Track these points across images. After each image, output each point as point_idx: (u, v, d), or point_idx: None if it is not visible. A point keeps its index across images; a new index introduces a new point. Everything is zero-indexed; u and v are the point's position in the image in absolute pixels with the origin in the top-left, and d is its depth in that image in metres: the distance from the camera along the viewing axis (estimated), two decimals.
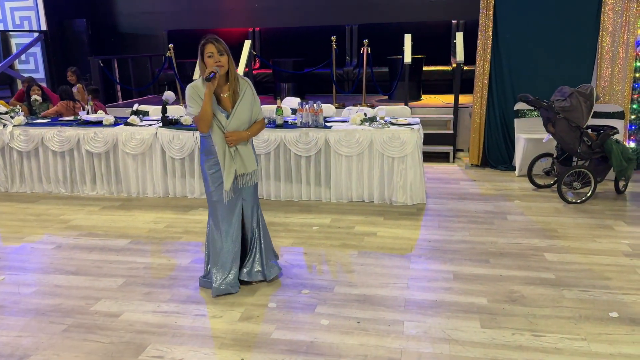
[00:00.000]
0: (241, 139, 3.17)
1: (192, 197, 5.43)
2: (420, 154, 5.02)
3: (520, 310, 3.05)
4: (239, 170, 3.20)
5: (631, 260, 3.70)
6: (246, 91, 3.14)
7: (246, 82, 3.17)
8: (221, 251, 3.29)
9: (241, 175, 3.22)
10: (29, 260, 3.98)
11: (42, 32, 9.84)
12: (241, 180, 3.23)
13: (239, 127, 3.15)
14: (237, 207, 3.29)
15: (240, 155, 3.19)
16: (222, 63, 3.00)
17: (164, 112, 5.43)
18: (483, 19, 6.10)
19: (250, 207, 3.35)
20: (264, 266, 3.42)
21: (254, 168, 3.27)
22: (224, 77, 3.09)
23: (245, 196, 3.31)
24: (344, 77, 9.13)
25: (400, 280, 3.47)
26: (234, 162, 3.19)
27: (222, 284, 3.27)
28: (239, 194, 3.28)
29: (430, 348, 2.71)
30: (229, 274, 3.30)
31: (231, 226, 3.28)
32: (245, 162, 3.21)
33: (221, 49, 3.00)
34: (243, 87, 3.14)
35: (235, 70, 3.11)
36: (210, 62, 2.99)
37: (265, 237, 3.47)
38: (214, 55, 2.99)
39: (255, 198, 3.39)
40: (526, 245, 4.01)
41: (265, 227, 3.48)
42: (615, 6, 5.74)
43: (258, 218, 3.41)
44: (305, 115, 5.17)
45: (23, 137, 5.60)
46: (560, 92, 5.14)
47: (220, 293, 3.28)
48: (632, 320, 2.92)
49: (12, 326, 3.01)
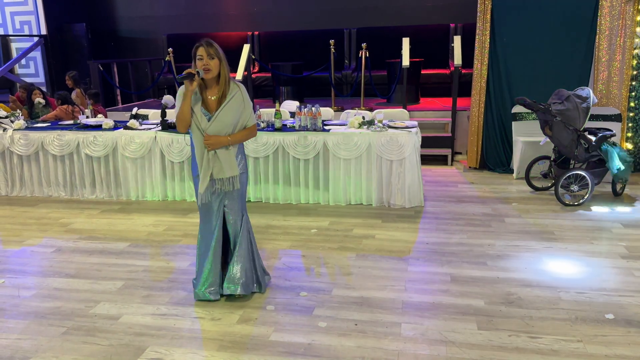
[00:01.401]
0: (220, 144, 3.08)
1: (191, 200, 5.45)
2: (418, 157, 5.05)
3: (516, 312, 3.07)
4: (216, 174, 3.14)
5: (628, 262, 3.72)
6: (235, 95, 3.09)
7: (237, 87, 3.12)
8: (202, 256, 3.27)
9: (219, 179, 3.15)
10: (29, 263, 4.00)
11: (42, 37, 9.88)
12: (219, 185, 3.16)
13: (220, 131, 3.08)
14: (217, 213, 3.21)
15: (219, 159, 3.12)
16: (210, 67, 2.99)
17: (163, 115, 5.45)
18: (480, 22, 6.13)
19: (233, 214, 3.23)
20: (245, 279, 3.26)
21: (234, 174, 3.16)
22: (215, 79, 3.08)
23: (228, 202, 3.22)
24: (343, 81, 9.17)
25: (398, 283, 3.49)
26: (211, 165, 3.12)
27: (200, 289, 3.26)
28: (219, 199, 3.20)
29: (427, 350, 2.72)
30: (207, 280, 3.25)
31: (210, 232, 3.22)
32: (224, 166, 3.13)
33: (211, 53, 2.99)
34: (233, 91, 3.09)
35: (227, 74, 3.08)
36: (199, 64, 3.00)
37: (252, 249, 3.33)
38: (204, 59, 2.99)
39: (240, 205, 3.25)
40: (523, 248, 4.03)
41: (252, 238, 3.36)
42: (611, 9, 5.78)
43: (242, 227, 3.26)
44: (303, 118, 5.20)
45: (23, 141, 5.63)
46: (557, 95, 5.17)
47: (198, 298, 3.28)
48: (628, 322, 2.94)
49: (12, 329, 3.03)
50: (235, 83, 3.15)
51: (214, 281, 3.27)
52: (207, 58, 2.99)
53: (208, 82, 3.07)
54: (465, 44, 7.13)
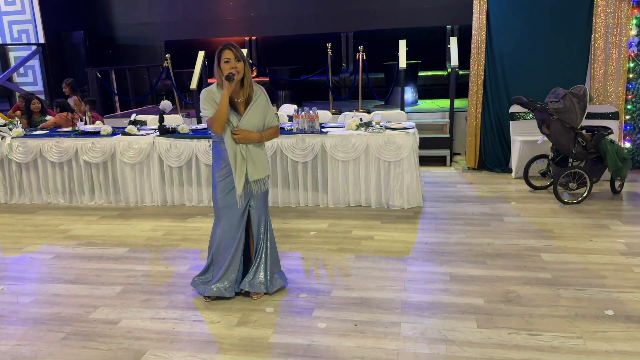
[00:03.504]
0: (250, 139, 3.15)
1: (190, 205, 5.45)
2: (416, 158, 5.05)
3: (516, 310, 3.06)
4: (251, 176, 3.19)
5: (627, 259, 3.72)
6: (259, 97, 3.17)
7: (260, 89, 3.21)
8: (221, 254, 3.29)
9: (254, 181, 3.21)
10: (28, 270, 4.00)
11: (40, 45, 9.91)
12: (254, 186, 3.22)
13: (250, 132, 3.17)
14: (244, 214, 3.27)
15: (252, 157, 3.18)
16: (239, 69, 3.04)
17: (161, 121, 5.46)
18: (476, 23, 6.15)
19: (257, 214, 3.30)
20: (267, 278, 3.36)
21: (267, 173, 3.26)
22: (239, 83, 3.11)
23: (253, 203, 3.28)
24: (340, 84, 9.18)
25: (397, 283, 3.48)
26: (245, 164, 3.18)
27: (216, 286, 3.28)
28: (247, 200, 3.26)
29: (427, 349, 2.72)
30: (226, 277, 3.29)
31: (234, 230, 3.25)
32: (258, 165, 3.20)
33: (238, 56, 3.05)
34: (257, 93, 3.18)
35: (250, 76, 3.14)
36: (226, 67, 3.03)
37: (272, 248, 3.40)
38: (231, 61, 3.02)
39: (265, 206, 3.34)
40: (522, 246, 4.02)
41: (272, 239, 3.41)
42: (606, 8, 5.79)
43: (266, 227, 3.35)
44: (301, 121, 5.20)
45: (22, 149, 5.63)
46: (554, 93, 5.18)
47: (212, 294, 3.29)
48: (628, 318, 2.93)
49: (11, 335, 3.03)
50: (258, 86, 3.22)
51: (233, 278, 3.30)
52: (235, 60, 3.03)
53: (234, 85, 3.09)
54: (462, 45, 7.14)
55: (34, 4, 9.74)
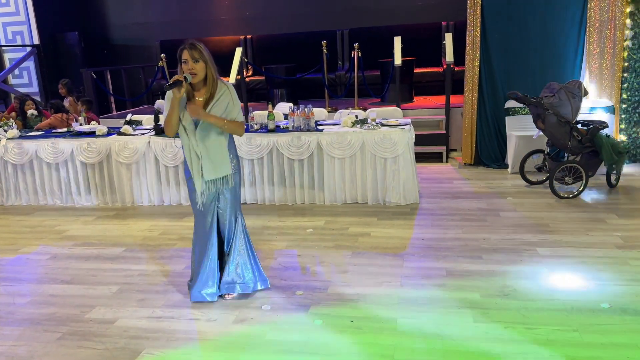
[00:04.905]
0: (200, 116, 2.97)
1: (186, 204, 5.44)
2: (412, 154, 5.05)
3: (512, 304, 3.06)
4: (206, 175, 3.09)
5: (623, 252, 3.72)
6: (223, 94, 3.06)
7: (225, 86, 3.09)
8: (198, 258, 3.24)
9: (211, 180, 3.12)
10: (24, 271, 3.99)
11: (35, 46, 9.89)
12: (212, 185, 3.13)
13: (209, 130, 3.06)
14: (211, 215, 3.18)
15: (209, 156, 3.07)
16: (196, 70, 2.94)
17: (157, 120, 5.46)
18: (471, 19, 6.15)
19: (226, 214, 3.20)
20: (243, 278, 3.28)
21: (226, 173, 3.13)
22: (202, 81, 3.03)
23: (221, 204, 3.18)
24: (336, 82, 9.17)
25: (394, 279, 3.48)
26: (200, 163, 3.08)
27: (198, 291, 3.25)
28: (213, 201, 3.17)
29: (423, 343, 2.72)
30: (204, 282, 3.23)
31: (205, 233, 3.19)
32: (215, 164, 3.09)
33: (195, 56, 2.93)
34: (221, 90, 3.06)
35: (214, 75, 3.03)
36: (184, 68, 2.96)
37: (247, 248, 3.29)
38: (188, 62, 2.94)
39: (233, 206, 3.22)
40: (519, 241, 4.03)
41: (246, 243, 3.29)
42: (600, 2, 5.79)
43: (236, 227, 3.23)
44: (296, 119, 5.20)
45: (17, 150, 5.62)
46: (549, 88, 5.18)
47: (195, 300, 3.26)
48: (624, 311, 2.94)
49: (7, 336, 3.02)
50: (223, 83, 3.12)
51: (211, 283, 3.25)
52: (192, 62, 2.94)
53: (196, 85, 3.04)
54: (457, 42, 7.14)
55: (28, 5, 9.72)
